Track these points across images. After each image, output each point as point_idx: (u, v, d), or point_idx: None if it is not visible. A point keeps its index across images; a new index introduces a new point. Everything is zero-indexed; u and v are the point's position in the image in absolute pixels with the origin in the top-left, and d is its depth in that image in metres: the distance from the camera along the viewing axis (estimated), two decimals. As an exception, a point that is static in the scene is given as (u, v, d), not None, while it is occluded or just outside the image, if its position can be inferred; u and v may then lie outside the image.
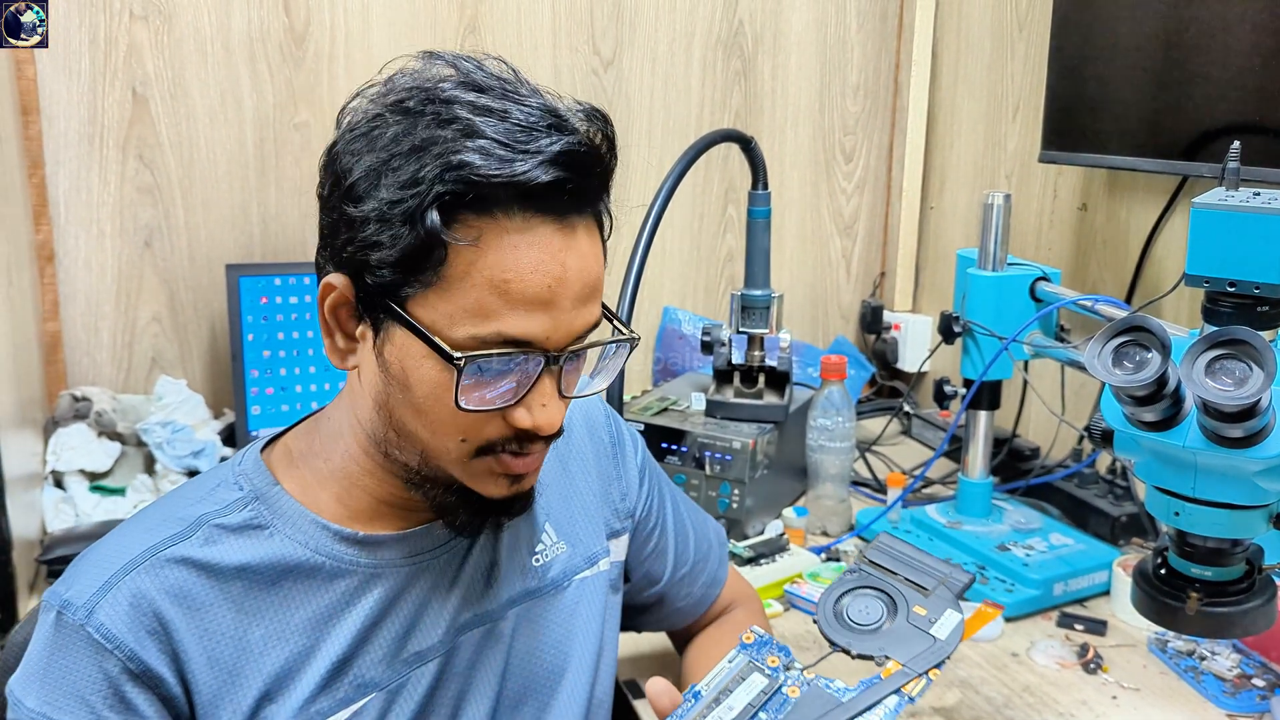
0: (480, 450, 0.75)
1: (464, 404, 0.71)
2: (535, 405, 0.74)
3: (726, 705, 0.80)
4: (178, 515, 0.78)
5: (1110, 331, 0.78)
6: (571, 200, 0.72)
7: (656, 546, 1.04)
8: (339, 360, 0.78)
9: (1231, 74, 1.36)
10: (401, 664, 0.81)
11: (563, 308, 0.72)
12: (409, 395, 0.74)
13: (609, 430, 1.01)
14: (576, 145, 0.70)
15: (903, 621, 0.85)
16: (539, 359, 0.73)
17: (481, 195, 0.68)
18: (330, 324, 0.77)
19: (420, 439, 0.76)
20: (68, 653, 0.72)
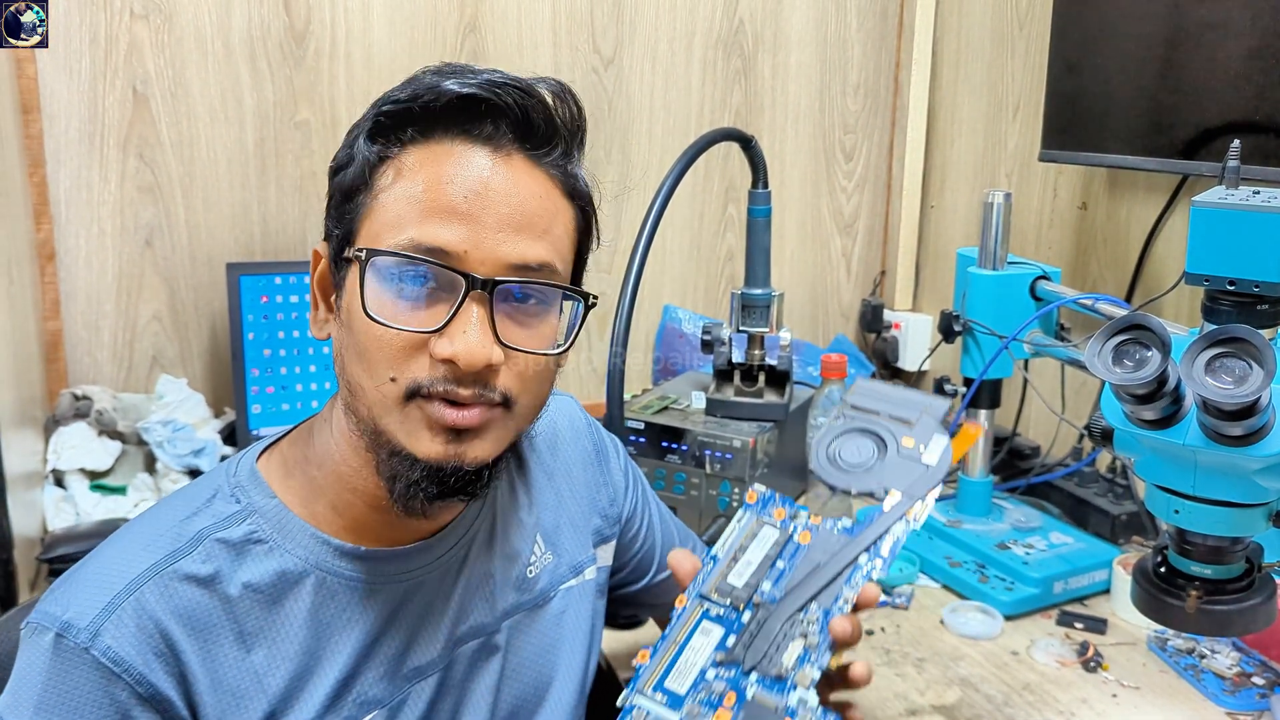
0: (410, 394, 0.71)
1: (370, 310, 0.70)
2: (457, 333, 0.70)
3: (744, 561, 0.82)
4: (176, 529, 0.75)
5: (1110, 330, 0.78)
6: (500, 129, 0.73)
7: (644, 543, 1.04)
8: (316, 330, 0.79)
9: (1231, 73, 1.36)
10: (402, 680, 0.80)
11: (484, 224, 0.71)
12: (351, 337, 0.73)
13: (591, 437, 1.00)
14: (508, 78, 0.74)
15: (894, 455, 0.88)
16: (459, 280, 0.70)
17: (407, 116, 0.72)
18: (315, 296, 0.79)
19: (364, 389, 0.73)
20: (70, 677, 0.69)
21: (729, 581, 0.81)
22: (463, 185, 0.71)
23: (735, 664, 0.76)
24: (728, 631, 0.78)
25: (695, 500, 1.45)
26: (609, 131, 1.98)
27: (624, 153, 2.00)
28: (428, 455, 0.72)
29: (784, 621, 0.78)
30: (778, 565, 0.82)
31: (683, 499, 1.45)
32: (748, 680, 0.76)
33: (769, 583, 0.81)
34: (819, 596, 0.79)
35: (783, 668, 0.76)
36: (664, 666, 0.77)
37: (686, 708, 0.74)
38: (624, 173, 2.00)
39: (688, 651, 0.78)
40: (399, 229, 0.71)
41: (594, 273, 1.99)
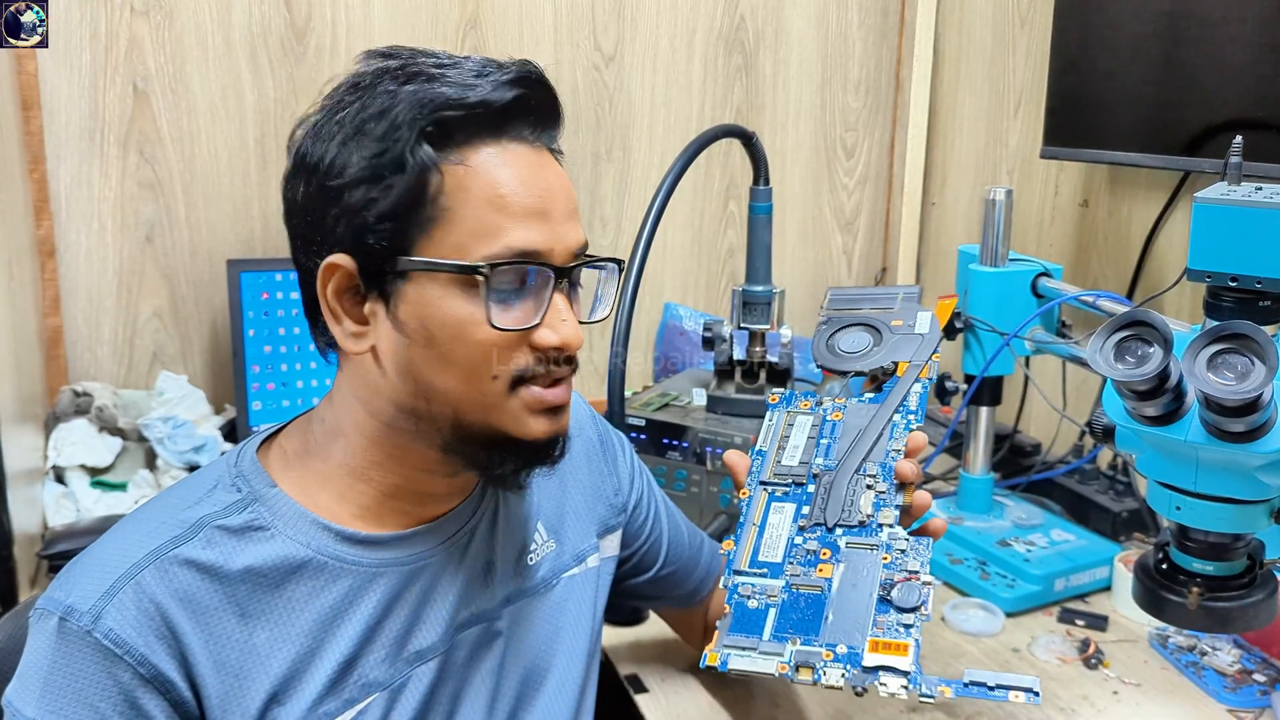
0: (514, 384, 0.76)
1: (497, 322, 0.73)
2: (556, 323, 0.76)
3: (791, 447, 0.91)
4: (177, 517, 0.76)
5: (1112, 326, 0.78)
6: (535, 125, 0.77)
7: (651, 535, 1.06)
8: (353, 344, 0.77)
9: (1233, 69, 1.36)
10: (403, 663, 0.81)
11: (556, 219, 0.76)
12: (434, 349, 0.75)
13: (596, 429, 1.02)
14: (526, 71, 0.77)
15: (889, 335, 0.98)
16: (549, 274, 0.75)
17: (457, 123, 0.73)
18: (336, 311, 0.77)
19: (452, 394, 0.76)
20: (74, 660, 0.70)
21: (784, 464, 0.90)
22: (534, 186, 0.75)
23: (818, 525, 0.84)
24: (799, 504, 0.86)
25: (696, 497, 1.45)
26: (610, 128, 1.98)
27: (625, 149, 2.00)
28: (538, 434, 0.78)
29: (849, 481, 0.86)
30: (822, 442, 0.91)
31: (684, 496, 1.45)
32: (835, 535, 0.83)
33: (821, 457, 0.90)
34: (871, 454, 0.88)
35: (863, 515, 0.84)
36: (751, 546, 0.84)
37: (788, 572, 0.82)
38: (624, 169, 2.00)
39: (769, 529, 0.85)
40: (492, 237, 0.74)
41: (595, 269, 1.99)
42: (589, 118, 1.96)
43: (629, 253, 1.33)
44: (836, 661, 0.75)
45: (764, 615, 0.79)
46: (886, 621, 0.77)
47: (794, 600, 0.80)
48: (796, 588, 0.80)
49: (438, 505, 0.84)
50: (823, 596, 0.79)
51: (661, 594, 1.10)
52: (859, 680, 0.74)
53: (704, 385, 1.59)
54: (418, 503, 0.82)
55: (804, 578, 0.81)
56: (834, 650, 0.75)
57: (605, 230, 2.01)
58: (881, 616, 0.77)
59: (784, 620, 0.79)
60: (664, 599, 1.12)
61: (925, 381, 0.94)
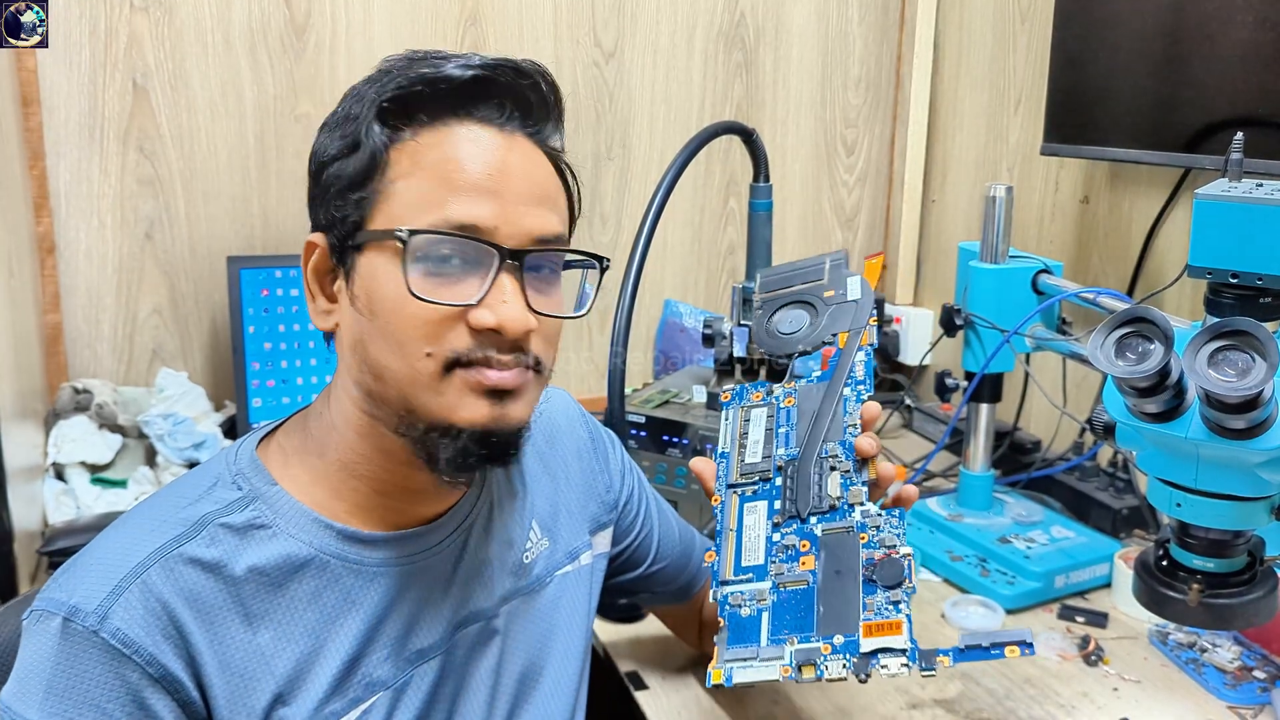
0: (449, 365, 0.73)
1: (416, 289, 0.72)
2: (496, 303, 0.73)
3: (751, 442, 0.92)
4: (178, 515, 0.75)
5: (1113, 323, 0.78)
6: (505, 109, 0.76)
7: (642, 531, 1.06)
8: (321, 320, 0.79)
9: (1234, 66, 1.36)
10: (405, 662, 0.81)
11: (509, 200, 0.74)
12: (376, 322, 0.74)
13: (586, 428, 1.02)
14: (506, 60, 0.76)
15: (823, 307, 0.98)
16: (493, 253, 0.73)
17: (414, 100, 0.74)
18: (313, 287, 0.80)
19: (393, 370, 0.74)
20: (80, 661, 0.68)
21: (747, 462, 0.90)
22: (485, 164, 0.74)
23: (792, 519, 0.85)
24: (770, 500, 0.87)
25: (696, 494, 1.45)
26: (610, 125, 1.98)
27: (625, 146, 1.99)
28: (473, 420, 0.74)
29: (812, 466, 0.87)
30: (780, 430, 0.91)
31: (684, 493, 1.45)
32: (810, 524, 0.84)
33: (781, 447, 0.90)
34: (828, 434, 0.88)
35: (833, 500, 0.84)
36: (733, 553, 0.85)
37: (772, 572, 0.82)
38: (625, 166, 2.00)
39: (745, 532, 0.86)
40: (427, 210, 0.73)
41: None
42: (589, 114, 1.96)
43: (629, 250, 1.33)
44: (836, 653, 0.75)
45: (758, 621, 0.80)
46: (875, 603, 0.78)
47: (783, 599, 0.80)
48: (783, 585, 0.81)
49: (431, 505, 0.83)
50: (810, 590, 0.80)
51: (653, 590, 1.10)
52: (860, 668, 0.74)
53: (704, 382, 1.59)
54: (410, 500, 0.82)
55: (788, 574, 0.81)
56: (831, 643, 0.76)
57: (605, 227, 2.01)
58: (870, 598, 0.78)
59: (778, 621, 0.79)
60: (656, 595, 1.12)
61: (868, 349, 0.93)
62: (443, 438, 0.75)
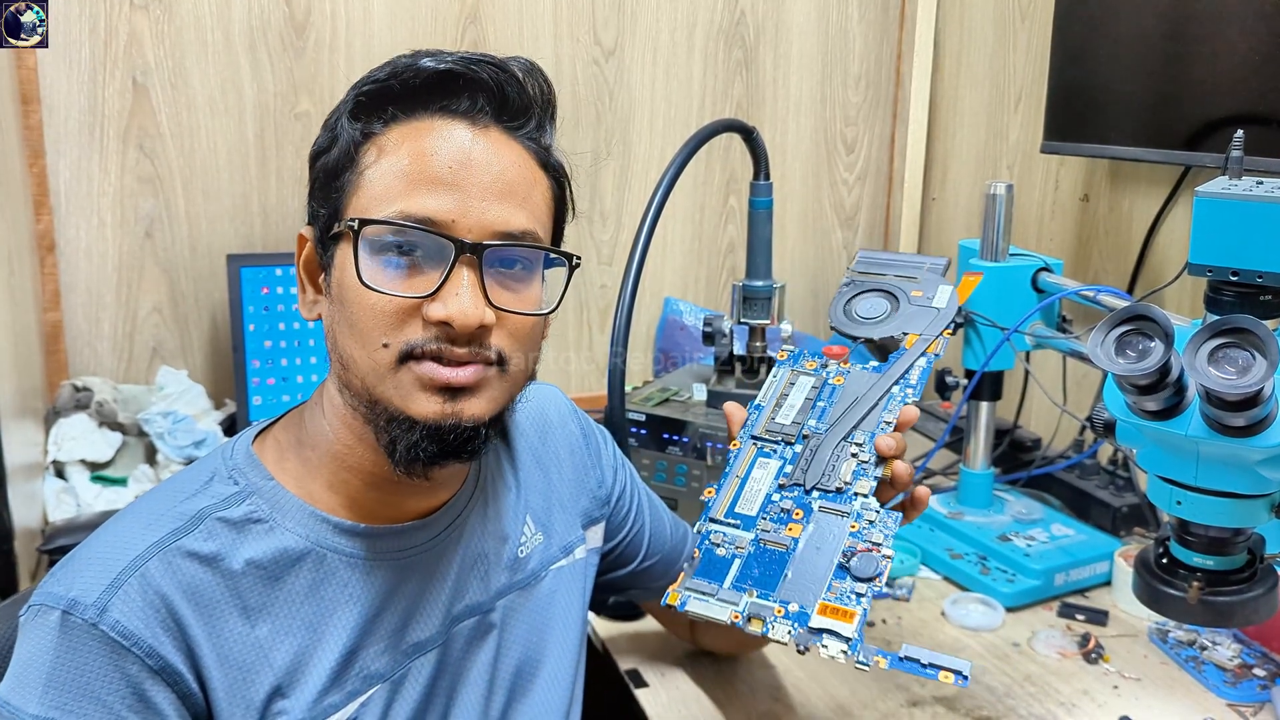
0: (403, 357, 0.73)
1: (366, 279, 0.73)
2: (449, 296, 0.73)
3: (788, 405, 0.93)
4: (176, 510, 0.76)
5: (1113, 320, 0.78)
6: (476, 104, 0.76)
7: (634, 526, 1.06)
8: (306, 311, 0.81)
9: (1234, 64, 1.36)
10: (402, 655, 0.81)
11: (469, 193, 0.74)
12: (343, 311, 0.75)
13: (578, 423, 1.03)
14: (482, 55, 0.77)
15: (906, 305, 0.99)
16: (450, 246, 0.73)
17: (384, 95, 0.75)
18: (302, 280, 0.81)
19: (355, 360, 0.75)
20: (79, 654, 0.69)
21: (777, 421, 0.91)
22: (446, 157, 0.74)
23: (797, 486, 0.86)
24: (784, 463, 0.88)
25: (696, 492, 1.45)
26: (610, 123, 1.98)
27: (625, 144, 1.99)
28: (424, 415, 0.74)
29: (834, 447, 0.88)
30: (819, 405, 0.92)
31: (684, 491, 1.45)
32: (810, 497, 0.85)
33: (814, 419, 0.91)
34: (862, 423, 0.89)
35: (841, 482, 0.85)
36: (731, 497, 0.86)
37: (760, 525, 0.84)
38: (625, 164, 2.00)
39: (750, 482, 0.87)
40: (387, 202, 0.74)
41: (594, 265, 2.00)
42: (589, 113, 1.96)
43: (629, 248, 1.33)
44: (786, 619, 0.77)
45: (728, 565, 0.82)
46: (841, 588, 0.79)
47: (759, 554, 0.82)
48: (764, 543, 0.83)
49: (425, 498, 0.84)
50: (786, 554, 0.82)
51: (644, 585, 1.10)
52: (803, 640, 0.76)
53: (704, 380, 1.59)
54: (401, 494, 0.81)
55: (773, 534, 0.83)
56: (786, 608, 0.78)
57: (605, 225, 2.01)
58: (837, 582, 0.79)
59: (745, 572, 0.81)
60: (647, 590, 1.12)
61: (931, 357, 0.94)
62: (399, 429, 0.75)
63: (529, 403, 0.96)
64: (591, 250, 1.97)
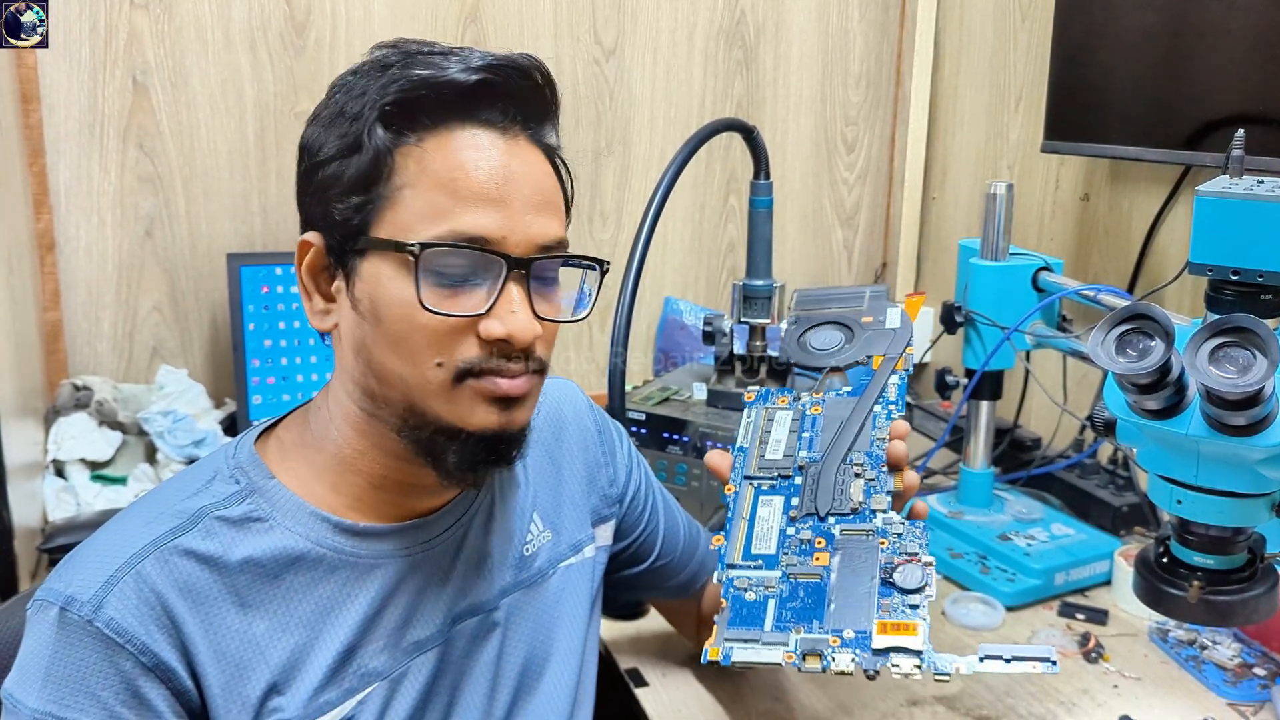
0: (460, 375, 0.74)
1: (427, 303, 0.72)
2: (505, 313, 0.74)
3: (773, 440, 0.90)
4: (176, 508, 0.76)
5: (1114, 319, 0.77)
6: (508, 111, 0.76)
7: (648, 525, 1.06)
8: (319, 321, 0.80)
9: (1235, 64, 1.36)
10: (401, 653, 0.81)
11: (514, 208, 0.74)
12: (381, 328, 0.75)
13: (593, 419, 1.03)
14: (507, 59, 0.76)
15: (860, 332, 0.98)
16: (500, 263, 0.74)
17: (418, 104, 0.74)
18: (309, 286, 0.80)
19: (400, 376, 0.75)
20: (75, 650, 0.70)
21: (767, 458, 0.88)
22: (490, 172, 0.74)
23: (810, 515, 0.82)
24: (787, 496, 0.85)
25: (696, 491, 1.45)
26: (610, 122, 1.98)
27: (625, 144, 1.99)
28: (484, 426, 0.76)
29: (836, 471, 0.85)
30: (804, 435, 0.90)
31: (684, 490, 1.45)
32: (828, 523, 0.81)
33: (804, 450, 0.88)
34: (855, 444, 0.87)
35: (855, 503, 0.82)
36: (742, 539, 0.82)
37: (784, 562, 0.79)
38: (625, 164, 2.00)
39: (759, 522, 0.83)
40: (436, 220, 0.73)
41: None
42: (589, 112, 1.96)
43: (629, 247, 1.33)
44: (845, 646, 0.72)
45: (763, 606, 0.76)
46: (891, 604, 0.75)
47: (794, 589, 0.77)
48: (794, 577, 0.78)
49: (430, 498, 0.84)
50: (823, 584, 0.77)
51: (656, 585, 1.10)
52: (870, 663, 0.71)
53: (704, 380, 1.59)
54: (408, 494, 0.82)
55: (801, 566, 0.78)
56: (841, 636, 0.73)
57: (605, 225, 2.01)
58: (886, 599, 0.75)
59: (785, 610, 0.76)
60: (659, 590, 1.12)
61: (902, 373, 0.93)
62: (450, 441, 0.76)
63: (545, 398, 0.97)
64: (592, 249, 1.97)
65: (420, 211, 0.73)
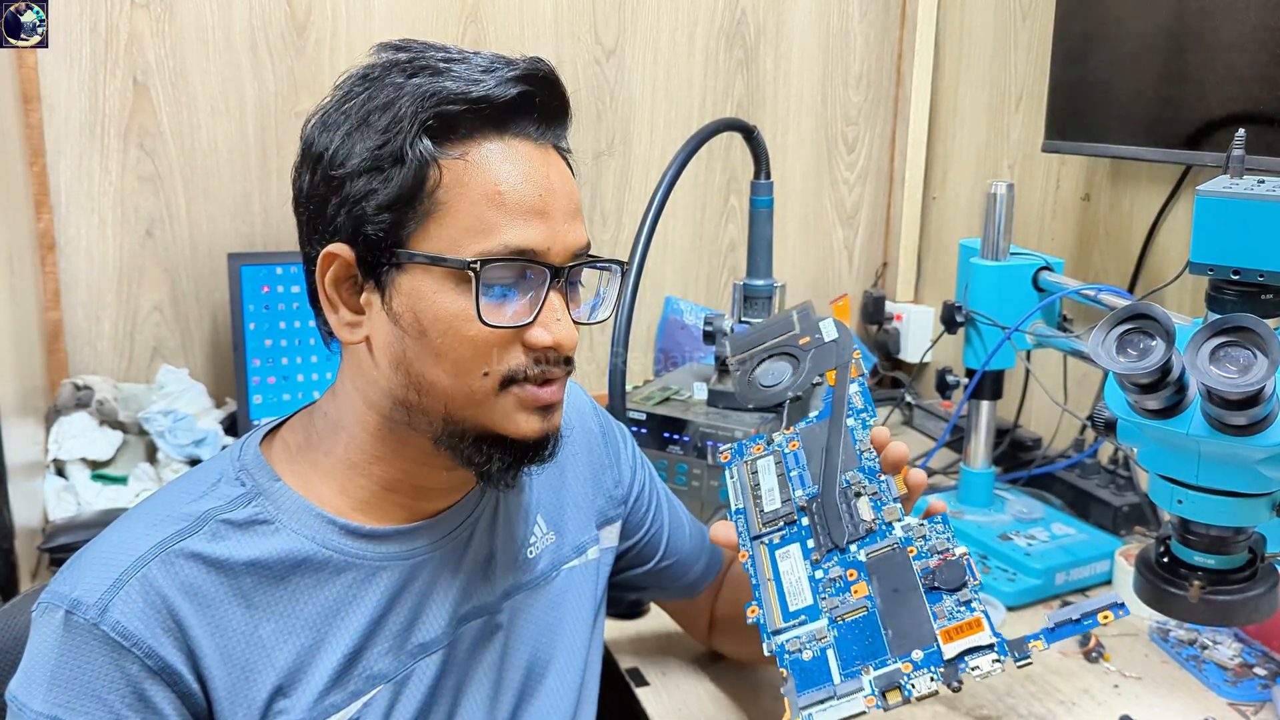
0: (504, 383, 0.76)
1: (486, 318, 0.73)
2: (550, 322, 0.76)
3: (766, 492, 0.88)
4: (182, 511, 0.76)
5: (1115, 319, 0.78)
6: (540, 122, 0.77)
7: (653, 526, 1.06)
8: (348, 334, 0.78)
9: (1236, 63, 1.36)
10: (407, 655, 0.81)
11: (556, 219, 0.76)
12: (425, 341, 0.75)
13: (598, 421, 1.03)
14: (534, 68, 0.77)
15: (803, 355, 0.98)
16: (544, 274, 0.75)
17: (459, 118, 0.74)
18: (333, 299, 0.78)
19: (443, 387, 0.76)
20: (81, 653, 0.70)
21: (767, 511, 0.87)
22: (534, 184, 0.75)
23: (832, 552, 0.81)
24: (801, 540, 0.83)
25: (697, 491, 1.45)
26: (611, 122, 1.98)
27: (625, 144, 1.99)
28: (528, 433, 0.78)
29: (837, 497, 0.84)
30: (792, 474, 0.89)
31: (684, 490, 1.45)
32: (851, 552, 0.80)
33: (799, 489, 0.87)
34: (844, 465, 0.86)
35: (869, 522, 0.81)
36: (777, 602, 0.80)
37: (825, 608, 0.78)
38: (625, 164, 2.00)
39: (784, 577, 0.81)
40: (487, 234, 0.73)
41: (595, 264, 1.98)
42: (589, 112, 1.96)
43: (630, 247, 1.33)
44: (919, 668, 0.71)
45: (824, 661, 0.74)
46: (944, 609, 0.74)
47: (845, 632, 0.75)
48: (840, 618, 0.76)
49: (438, 500, 0.84)
50: (871, 614, 0.75)
51: (662, 585, 1.10)
52: (950, 677, 0.70)
53: (705, 379, 1.59)
54: (418, 497, 0.82)
55: (843, 606, 0.76)
56: (911, 660, 0.71)
57: (606, 225, 2.01)
58: (937, 606, 0.74)
59: (846, 655, 0.74)
60: (665, 590, 1.12)
61: (859, 379, 0.93)
62: (493, 448, 0.78)
63: None
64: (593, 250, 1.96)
65: (468, 226, 0.73)
